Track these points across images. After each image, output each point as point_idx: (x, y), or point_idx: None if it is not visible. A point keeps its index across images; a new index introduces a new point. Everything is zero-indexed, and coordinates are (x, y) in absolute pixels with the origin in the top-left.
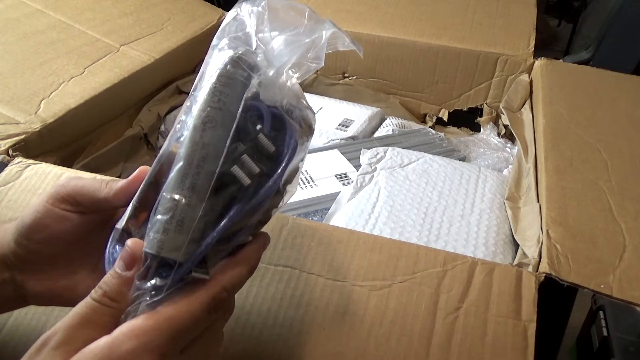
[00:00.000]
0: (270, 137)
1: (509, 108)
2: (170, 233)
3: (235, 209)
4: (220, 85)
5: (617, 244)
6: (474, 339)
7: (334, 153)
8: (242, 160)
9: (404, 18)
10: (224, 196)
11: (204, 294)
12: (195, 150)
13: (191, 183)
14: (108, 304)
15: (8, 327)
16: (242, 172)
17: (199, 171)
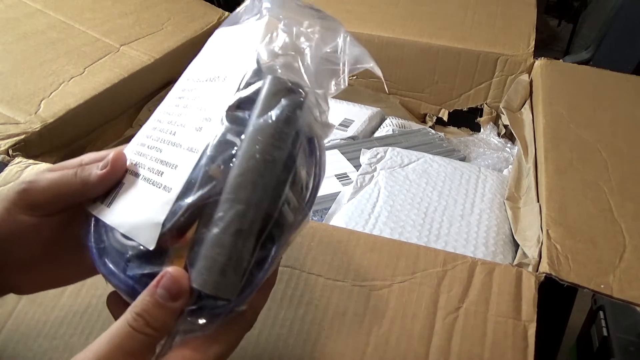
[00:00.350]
0: (304, 167)
1: (509, 108)
2: (228, 275)
3: (278, 245)
4: (283, 126)
5: (617, 244)
6: (474, 339)
7: (334, 153)
8: (288, 198)
9: (404, 18)
10: (271, 233)
11: (244, 326)
12: (254, 192)
13: (249, 225)
14: (151, 334)
15: (8, 326)
16: (289, 209)
17: (257, 213)
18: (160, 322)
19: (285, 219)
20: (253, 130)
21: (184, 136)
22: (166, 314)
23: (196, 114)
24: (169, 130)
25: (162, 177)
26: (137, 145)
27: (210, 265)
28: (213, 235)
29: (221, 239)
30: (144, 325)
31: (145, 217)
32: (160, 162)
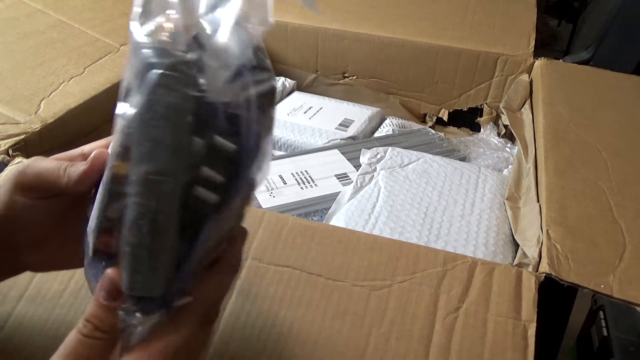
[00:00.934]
0: (228, 135)
1: (509, 108)
2: (143, 274)
3: (206, 229)
4: (152, 113)
5: (617, 244)
6: (474, 339)
7: (334, 153)
8: (203, 175)
9: (404, 18)
10: (193, 220)
11: (190, 316)
12: (145, 190)
13: (151, 222)
14: (100, 337)
15: (9, 325)
16: (206, 189)
17: (159, 209)
18: (107, 324)
19: (203, 201)
20: (133, 120)
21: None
22: (111, 315)
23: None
24: None
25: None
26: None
27: (125, 265)
28: (123, 235)
29: (128, 239)
30: (92, 330)
31: (93, 221)
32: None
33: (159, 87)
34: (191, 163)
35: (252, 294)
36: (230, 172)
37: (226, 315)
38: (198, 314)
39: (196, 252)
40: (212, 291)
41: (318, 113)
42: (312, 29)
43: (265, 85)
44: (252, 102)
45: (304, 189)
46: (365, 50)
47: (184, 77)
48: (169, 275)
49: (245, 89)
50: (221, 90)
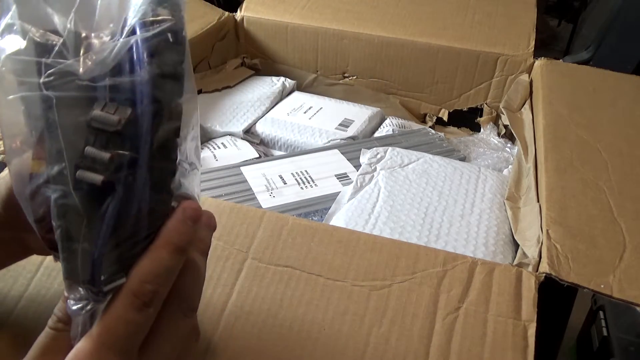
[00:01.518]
0: (110, 108)
1: (509, 108)
2: (65, 260)
3: (110, 209)
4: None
5: (617, 244)
6: (474, 339)
7: (334, 153)
8: (86, 155)
9: (404, 18)
10: (93, 203)
11: (123, 297)
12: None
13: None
14: (63, 328)
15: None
16: (91, 171)
17: (63, 195)
18: (67, 315)
19: (91, 181)
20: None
21: None
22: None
23: None
24: None
25: None
26: None
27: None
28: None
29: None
30: (56, 322)
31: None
32: None
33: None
34: (77, 146)
35: (252, 294)
36: (121, 150)
37: (226, 315)
38: (130, 294)
39: (104, 235)
40: (144, 270)
41: (318, 113)
42: (312, 29)
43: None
44: (140, 59)
45: (304, 189)
46: (365, 50)
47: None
48: (89, 259)
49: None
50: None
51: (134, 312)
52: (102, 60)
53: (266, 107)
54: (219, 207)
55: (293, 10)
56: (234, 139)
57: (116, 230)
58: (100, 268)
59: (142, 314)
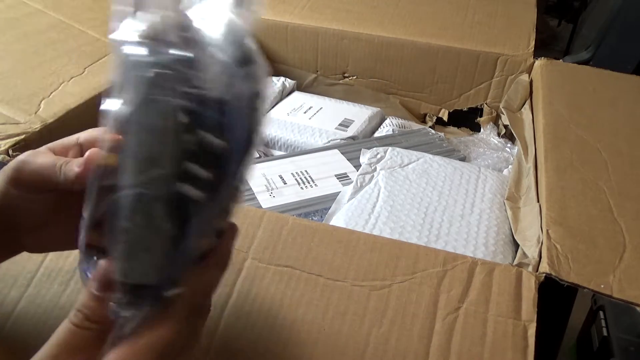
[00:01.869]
0: (217, 131)
1: (509, 108)
2: (135, 259)
3: (196, 223)
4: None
5: (617, 244)
6: (474, 339)
7: (334, 153)
8: (190, 171)
9: (404, 18)
10: (181, 213)
11: (180, 309)
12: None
13: (143, 212)
14: (90, 327)
15: (9, 326)
16: (191, 186)
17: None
18: (97, 315)
19: (188, 196)
20: (126, 116)
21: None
22: (102, 306)
23: None
24: None
25: None
26: None
27: (120, 253)
28: (117, 226)
29: (122, 228)
30: (82, 320)
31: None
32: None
33: (152, 86)
34: (180, 159)
35: (252, 294)
36: (217, 169)
37: (226, 316)
38: (187, 307)
39: (186, 243)
40: (201, 284)
41: (318, 113)
42: (312, 29)
43: (257, 80)
44: (243, 98)
45: (304, 189)
46: (365, 50)
47: (176, 74)
48: (161, 263)
49: (235, 84)
50: (212, 86)
51: (186, 324)
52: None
53: (266, 107)
54: None
55: (293, 10)
56: None
57: (190, 242)
58: (173, 273)
59: (191, 325)
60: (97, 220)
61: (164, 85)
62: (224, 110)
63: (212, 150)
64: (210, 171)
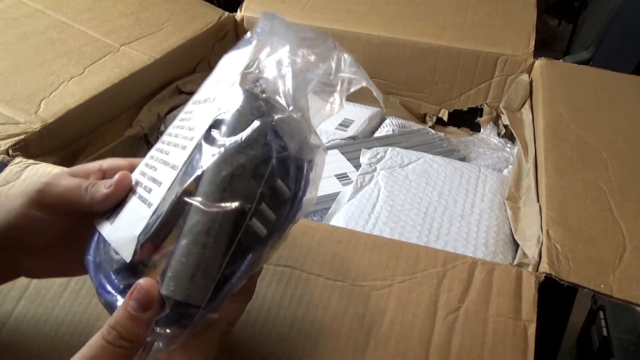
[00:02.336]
0: (286, 181)
1: (509, 108)
2: (197, 282)
3: (251, 256)
4: (252, 143)
5: (617, 244)
6: (474, 339)
7: (334, 153)
8: (261, 210)
9: (404, 18)
10: (242, 244)
11: (216, 335)
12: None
13: (215, 235)
14: (125, 345)
15: (8, 326)
16: (260, 222)
17: (223, 224)
18: (132, 334)
19: (255, 231)
20: (222, 149)
21: (173, 155)
22: (138, 326)
23: (186, 133)
24: (165, 150)
25: (150, 193)
26: (143, 164)
27: (178, 272)
28: (182, 245)
29: (189, 249)
30: (117, 338)
31: (127, 232)
32: (152, 180)
33: (262, 135)
34: (260, 199)
35: None
36: (280, 216)
37: None
38: (221, 334)
39: (240, 275)
40: (233, 314)
41: None
42: None
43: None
44: (308, 159)
45: None
46: (365, 50)
47: (283, 131)
48: (212, 287)
49: (304, 147)
50: (292, 145)
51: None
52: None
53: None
54: None
55: (293, 11)
56: None
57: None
58: (217, 301)
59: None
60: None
61: (266, 135)
62: (297, 166)
63: (279, 196)
64: (275, 215)
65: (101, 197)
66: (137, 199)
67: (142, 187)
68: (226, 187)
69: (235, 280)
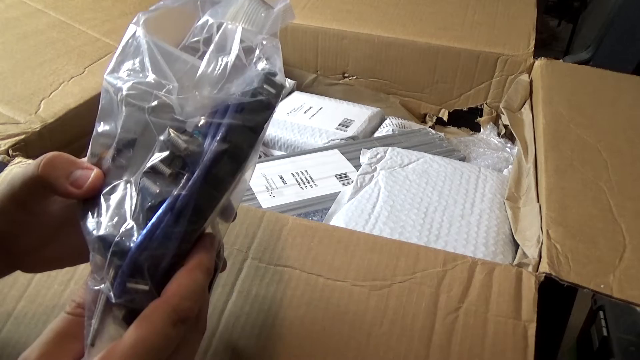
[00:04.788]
0: (185, 134)
1: (509, 108)
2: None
3: (153, 219)
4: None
5: (617, 244)
6: (474, 339)
7: (334, 153)
8: (153, 167)
9: (404, 18)
10: (143, 209)
11: (162, 311)
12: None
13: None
14: (81, 314)
15: (8, 326)
16: (153, 182)
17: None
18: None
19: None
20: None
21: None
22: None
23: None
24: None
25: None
26: None
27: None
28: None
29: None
30: (75, 307)
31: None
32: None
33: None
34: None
35: (252, 294)
36: (181, 167)
37: (226, 315)
38: (170, 309)
39: (143, 235)
40: (183, 287)
41: (318, 113)
42: (312, 29)
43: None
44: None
45: (304, 189)
46: (365, 50)
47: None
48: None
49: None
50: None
51: (170, 327)
52: (200, 106)
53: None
54: None
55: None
56: None
57: (151, 240)
58: (131, 267)
59: (176, 329)
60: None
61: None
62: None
63: (176, 151)
64: (175, 169)
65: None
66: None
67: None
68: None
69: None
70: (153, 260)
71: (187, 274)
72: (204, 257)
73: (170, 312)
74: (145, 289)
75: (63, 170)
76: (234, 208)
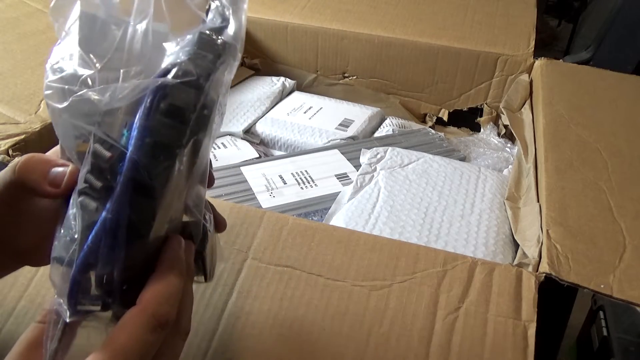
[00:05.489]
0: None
1: (509, 108)
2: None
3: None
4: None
5: (617, 244)
6: (474, 339)
7: (334, 153)
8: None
9: (404, 18)
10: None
11: (139, 317)
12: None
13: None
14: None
15: (8, 326)
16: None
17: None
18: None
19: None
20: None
21: None
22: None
23: None
24: None
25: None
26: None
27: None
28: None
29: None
30: (44, 315)
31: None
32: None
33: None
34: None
35: (252, 294)
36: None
37: (226, 316)
38: (148, 313)
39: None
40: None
41: (318, 113)
42: (312, 29)
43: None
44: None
45: (304, 189)
46: (365, 50)
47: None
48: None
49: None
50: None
51: (149, 333)
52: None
53: (266, 107)
54: (219, 207)
55: (293, 10)
56: (234, 139)
57: (89, 264)
58: (75, 289)
59: (155, 335)
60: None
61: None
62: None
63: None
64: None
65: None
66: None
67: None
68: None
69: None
70: (103, 278)
71: (160, 279)
72: (174, 259)
73: (148, 318)
74: (97, 309)
75: (39, 171)
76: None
